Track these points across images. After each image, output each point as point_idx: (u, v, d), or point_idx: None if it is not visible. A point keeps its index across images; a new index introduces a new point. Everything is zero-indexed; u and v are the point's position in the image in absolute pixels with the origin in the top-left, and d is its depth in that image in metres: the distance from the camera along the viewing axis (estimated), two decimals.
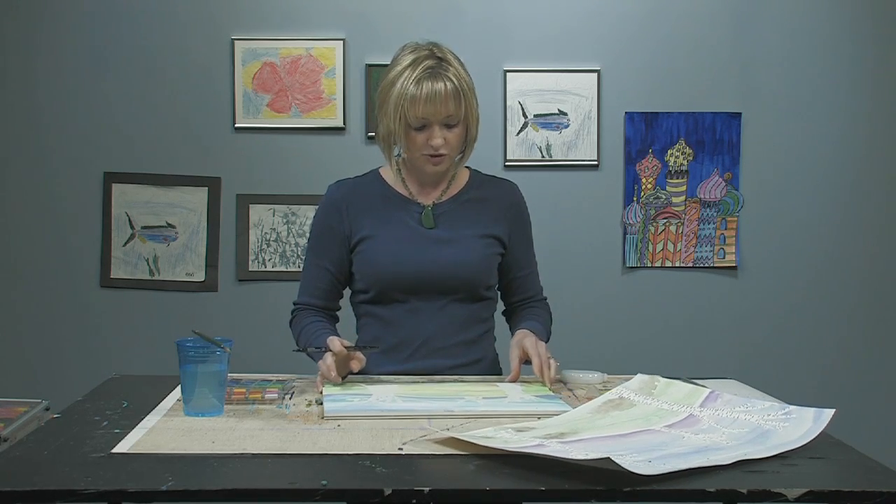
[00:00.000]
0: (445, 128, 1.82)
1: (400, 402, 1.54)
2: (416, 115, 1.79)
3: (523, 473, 1.17)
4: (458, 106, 1.81)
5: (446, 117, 1.81)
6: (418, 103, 1.78)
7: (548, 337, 1.94)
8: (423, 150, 1.84)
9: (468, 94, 1.84)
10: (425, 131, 1.82)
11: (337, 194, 1.93)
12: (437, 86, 1.79)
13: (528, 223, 2.00)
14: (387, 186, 1.94)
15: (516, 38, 3.15)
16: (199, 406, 1.45)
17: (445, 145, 1.83)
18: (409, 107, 1.79)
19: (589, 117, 3.15)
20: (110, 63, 3.13)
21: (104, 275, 3.15)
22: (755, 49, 3.17)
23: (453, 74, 1.82)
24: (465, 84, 1.84)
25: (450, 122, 1.82)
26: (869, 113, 3.19)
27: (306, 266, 1.95)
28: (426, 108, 1.79)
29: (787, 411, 1.43)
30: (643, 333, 3.18)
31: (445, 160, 1.86)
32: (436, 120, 1.81)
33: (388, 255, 1.85)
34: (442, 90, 1.79)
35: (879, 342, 3.22)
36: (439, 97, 1.79)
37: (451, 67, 1.83)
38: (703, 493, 1.13)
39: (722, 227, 3.19)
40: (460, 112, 1.82)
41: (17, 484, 1.11)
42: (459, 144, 1.87)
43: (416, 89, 1.79)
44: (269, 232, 3.15)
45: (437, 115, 1.80)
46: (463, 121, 1.84)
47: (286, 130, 3.14)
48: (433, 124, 1.81)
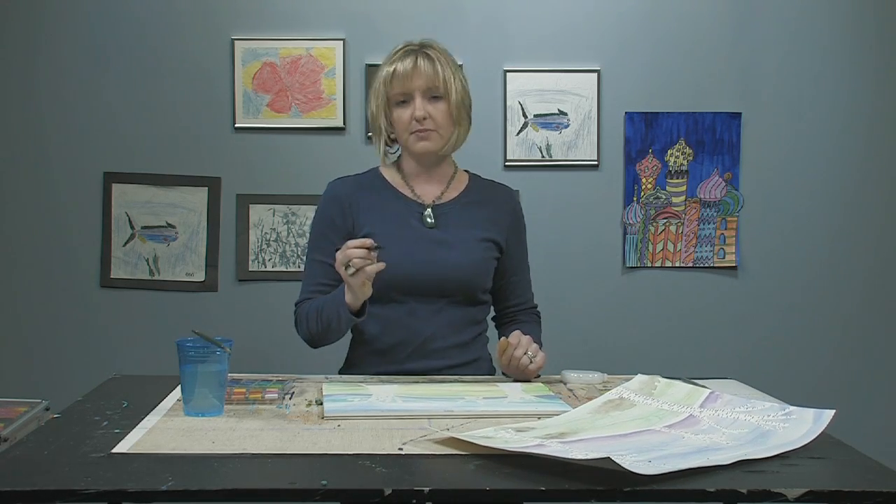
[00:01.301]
0: (429, 101, 1.84)
1: (400, 402, 1.54)
2: (394, 90, 1.83)
3: (523, 473, 1.16)
4: (437, 76, 1.83)
5: (427, 89, 1.83)
6: (396, 77, 1.83)
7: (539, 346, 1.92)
8: (409, 129, 1.85)
9: (448, 67, 1.86)
10: (407, 107, 1.84)
11: (339, 190, 1.94)
12: (413, 59, 1.84)
13: (524, 230, 2.01)
14: (387, 184, 1.94)
15: (516, 38, 3.15)
16: (199, 406, 1.45)
17: (430, 120, 1.84)
18: (388, 84, 1.84)
19: (589, 117, 3.15)
20: (110, 63, 3.12)
21: (104, 275, 3.15)
22: (755, 49, 3.17)
23: (433, 53, 1.86)
24: (445, 59, 1.87)
25: (433, 94, 1.84)
26: (869, 113, 3.19)
27: (307, 265, 1.94)
28: (404, 82, 1.83)
29: (788, 412, 1.43)
30: (643, 333, 3.18)
31: (433, 136, 1.86)
32: (416, 91, 1.83)
33: (389, 254, 1.85)
34: (420, 63, 1.84)
35: (879, 342, 3.22)
36: (416, 69, 1.83)
37: (432, 50, 1.87)
38: (703, 493, 1.13)
39: (722, 227, 3.19)
40: (439, 82, 1.84)
41: (17, 484, 1.11)
42: (446, 121, 1.86)
43: (391, 67, 1.85)
44: (269, 232, 3.15)
45: (415, 86, 1.83)
46: (447, 95, 1.85)
47: (286, 130, 3.14)
48: (415, 96, 1.83)
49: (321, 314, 1.81)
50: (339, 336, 1.84)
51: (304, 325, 1.87)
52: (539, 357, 1.74)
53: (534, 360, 1.73)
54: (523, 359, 1.72)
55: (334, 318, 1.76)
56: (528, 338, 1.75)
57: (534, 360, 1.73)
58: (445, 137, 1.88)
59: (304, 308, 1.88)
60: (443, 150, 1.89)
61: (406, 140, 1.87)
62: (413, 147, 1.87)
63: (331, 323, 1.78)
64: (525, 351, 1.72)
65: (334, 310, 1.76)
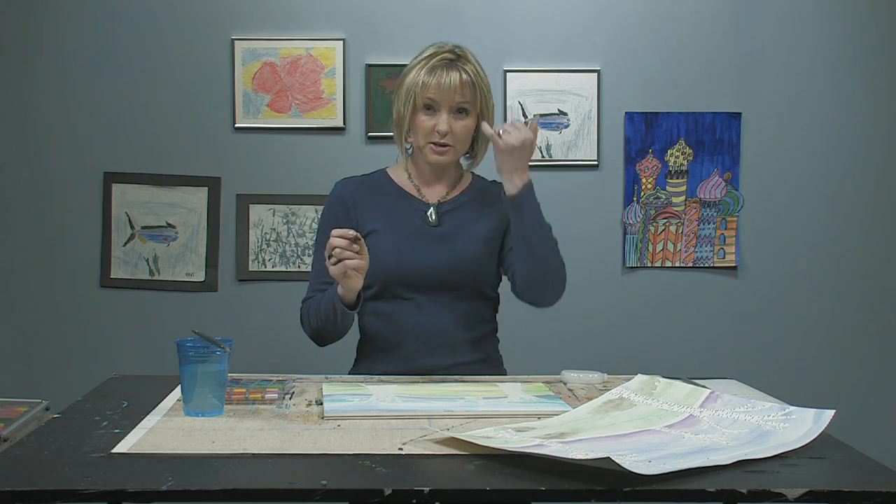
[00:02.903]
0: (455, 117, 1.84)
1: (400, 402, 1.54)
2: (425, 95, 1.82)
3: (523, 473, 1.17)
4: (471, 94, 1.85)
5: (457, 104, 1.83)
6: (429, 87, 1.83)
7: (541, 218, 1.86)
8: (428, 137, 1.85)
9: (483, 88, 1.87)
10: (433, 115, 1.84)
11: (345, 190, 1.95)
12: (451, 74, 1.84)
13: None
14: (393, 184, 1.96)
15: (516, 38, 3.15)
16: (199, 406, 1.45)
17: (451, 135, 1.84)
18: (420, 90, 1.83)
19: (589, 117, 3.15)
20: (110, 63, 3.12)
21: (104, 275, 3.15)
22: (755, 49, 3.17)
23: (470, 69, 1.85)
24: (481, 80, 1.88)
25: (460, 109, 1.84)
26: (869, 113, 3.19)
27: (313, 263, 1.94)
28: (437, 92, 1.83)
29: (788, 412, 1.43)
30: (643, 333, 3.18)
31: (449, 152, 1.87)
32: (445, 104, 1.82)
33: (392, 250, 1.85)
34: (456, 78, 1.84)
35: (879, 342, 3.22)
36: (452, 84, 1.83)
37: (469, 64, 1.87)
38: (703, 493, 1.13)
39: (722, 227, 3.19)
40: (473, 100, 1.85)
41: (17, 484, 1.11)
42: (466, 138, 1.88)
43: (429, 76, 1.84)
44: (269, 232, 3.15)
45: (446, 100, 1.83)
46: (474, 113, 1.86)
47: (286, 130, 3.14)
48: (442, 109, 1.83)
49: (320, 309, 1.83)
50: (341, 331, 1.85)
51: (307, 321, 1.89)
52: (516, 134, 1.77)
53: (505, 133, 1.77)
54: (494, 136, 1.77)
55: (331, 311, 1.78)
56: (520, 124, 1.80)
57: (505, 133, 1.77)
58: (461, 151, 1.91)
59: (308, 304, 1.89)
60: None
61: (423, 147, 1.88)
62: (429, 158, 1.88)
63: (328, 316, 1.80)
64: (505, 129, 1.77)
65: (330, 303, 1.78)
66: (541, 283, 1.87)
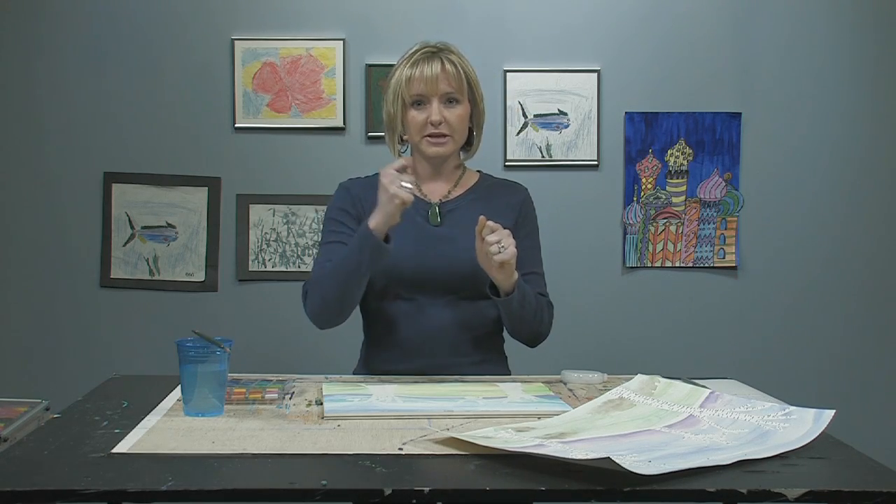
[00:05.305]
0: (445, 106, 1.85)
1: (400, 402, 1.54)
2: (411, 92, 1.82)
3: (523, 473, 1.17)
4: (457, 82, 1.85)
5: (445, 93, 1.83)
6: (413, 81, 1.84)
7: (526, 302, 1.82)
8: (423, 131, 1.86)
9: (469, 76, 1.88)
10: (423, 109, 1.85)
11: (349, 187, 1.96)
12: (433, 64, 1.85)
13: (534, 225, 2.00)
14: None
15: (516, 38, 3.15)
16: (199, 406, 1.45)
17: (446, 125, 1.84)
18: (405, 85, 1.84)
19: (589, 117, 3.15)
20: (110, 63, 3.12)
21: (104, 275, 3.15)
22: (755, 49, 3.17)
23: (454, 59, 1.87)
24: (465, 67, 1.88)
25: (450, 98, 1.85)
26: (869, 113, 3.19)
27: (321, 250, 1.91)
28: (421, 85, 1.84)
29: (788, 412, 1.43)
30: (643, 333, 3.18)
31: (448, 142, 1.87)
32: (433, 95, 1.84)
33: (394, 251, 1.85)
34: (438, 67, 1.84)
35: (879, 342, 3.22)
36: (434, 72, 1.83)
37: (453, 55, 1.87)
38: (703, 493, 1.13)
39: (722, 227, 3.19)
40: (460, 88, 1.85)
41: (17, 484, 1.11)
42: (461, 126, 1.88)
43: (411, 70, 1.85)
44: (269, 232, 3.15)
45: (433, 91, 1.84)
46: (465, 101, 1.86)
47: (286, 130, 3.14)
48: (431, 101, 1.83)
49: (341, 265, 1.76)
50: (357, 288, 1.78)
51: (317, 291, 1.81)
52: (509, 251, 1.69)
53: (504, 250, 1.68)
54: (493, 246, 1.68)
55: (355, 257, 1.73)
56: (506, 231, 1.71)
57: (503, 251, 1.68)
58: (459, 142, 1.91)
59: (318, 274, 1.83)
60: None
61: (419, 142, 1.88)
62: (426, 151, 1.88)
63: (350, 267, 1.74)
64: (499, 240, 1.69)
65: (356, 248, 1.73)
66: (530, 341, 1.91)
